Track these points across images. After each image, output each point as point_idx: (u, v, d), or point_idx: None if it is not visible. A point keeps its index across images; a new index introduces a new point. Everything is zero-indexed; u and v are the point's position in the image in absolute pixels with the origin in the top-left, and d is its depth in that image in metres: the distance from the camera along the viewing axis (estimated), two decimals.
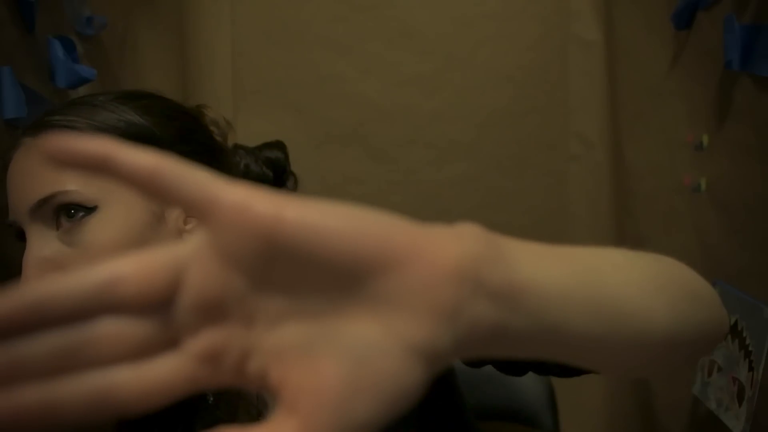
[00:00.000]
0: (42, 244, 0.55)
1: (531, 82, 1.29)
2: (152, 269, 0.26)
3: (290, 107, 1.32)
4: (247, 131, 1.33)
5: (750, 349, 0.86)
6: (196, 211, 0.26)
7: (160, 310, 0.26)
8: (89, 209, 0.55)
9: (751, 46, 0.84)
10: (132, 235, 0.55)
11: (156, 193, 0.26)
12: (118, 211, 0.55)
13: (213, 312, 0.26)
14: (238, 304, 0.26)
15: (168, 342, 0.26)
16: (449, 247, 0.26)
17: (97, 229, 0.55)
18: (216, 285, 0.25)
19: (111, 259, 0.26)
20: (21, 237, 0.57)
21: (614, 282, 0.33)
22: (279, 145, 0.84)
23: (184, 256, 0.26)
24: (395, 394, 0.25)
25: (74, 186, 0.55)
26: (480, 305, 0.26)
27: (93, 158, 0.25)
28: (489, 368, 0.56)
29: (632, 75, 1.19)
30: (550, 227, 1.32)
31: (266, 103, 1.32)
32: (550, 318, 0.28)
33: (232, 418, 0.59)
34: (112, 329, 0.25)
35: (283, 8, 1.30)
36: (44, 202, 0.55)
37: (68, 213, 0.55)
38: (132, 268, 0.25)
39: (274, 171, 0.82)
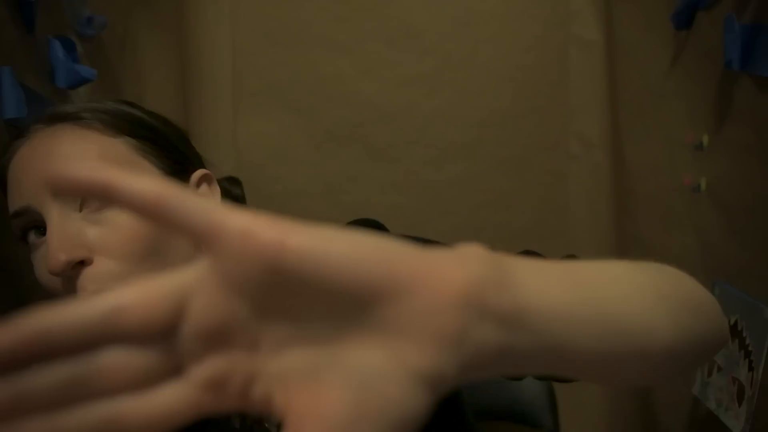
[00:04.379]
0: (65, 222, 0.54)
1: (531, 82, 1.29)
2: (155, 298, 0.25)
3: (290, 107, 1.32)
4: (247, 131, 1.33)
5: (750, 349, 0.86)
6: (200, 239, 0.25)
7: (164, 339, 0.26)
8: None
9: (751, 46, 0.84)
10: None
11: (159, 220, 0.25)
12: None
13: (217, 339, 0.26)
14: (242, 330, 0.25)
15: (172, 370, 0.26)
16: (454, 272, 0.26)
17: None
18: (219, 312, 0.25)
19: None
20: (23, 237, 0.57)
21: (616, 297, 0.33)
22: (237, 182, 0.82)
23: (187, 284, 0.26)
24: (399, 419, 0.25)
25: (105, 162, 0.54)
26: (485, 329, 0.26)
27: (96, 186, 0.25)
28: None
29: (632, 75, 1.19)
30: (550, 227, 1.32)
31: (266, 103, 1.32)
32: (554, 337, 0.28)
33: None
34: (117, 359, 0.25)
35: (283, 8, 1.30)
36: None
37: None
38: (135, 298, 0.25)
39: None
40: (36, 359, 0.25)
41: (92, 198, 0.26)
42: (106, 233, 0.54)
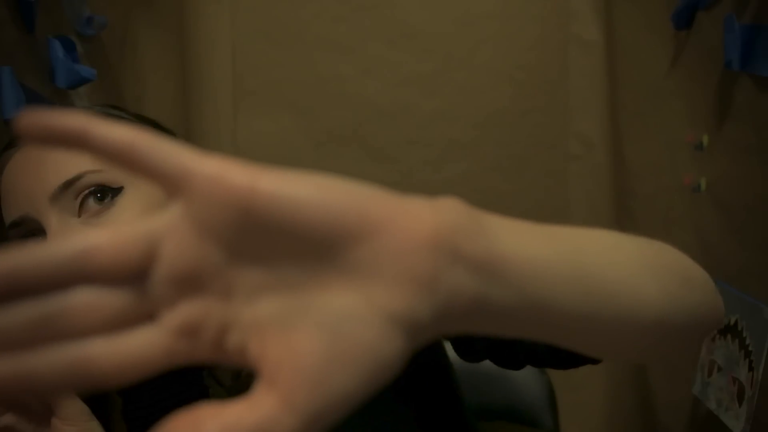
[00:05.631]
0: (65, 227, 0.53)
1: (531, 82, 1.29)
2: (127, 240, 0.25)
3: (290, 107, 1.32)
4: (247, 131, 1.33)
5: (750, 349, 0.86)
6: (171, 184, 0.25)
7: (137, 282, 0.26)
8: (116, 190, 0.54)
9: (751, 46, 0.84)
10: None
11: (131, 166, 0.26)
12: (143, 191, 0.54)
13: (189, 284, 0.26)
14: (215, 276, 0.25)
15: (145, 315, 0.26)
16: (426, 217, 0.26)
17: (125, 209, 0.54)
18: (191, 256, 0.25)
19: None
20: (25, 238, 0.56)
21: (601, 261, 0.33)
22: None
23: (159, 228, 0.26)
24: (375, 365, 0.24)
25: (101, 165, 0.53)
26: (459, 275, 0.26)
27: (70, 132, 0.25)
28: (489, 367, 0.56)
29: (632, 75, 1.19)
30: None
31: (266, 103, 1.32)
32: (532, 292, 0.28)
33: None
34: (88, 299, 0.25)
35: (283, 8, 1.30)
36: (70, 183, 0.53)
37: (97, 196, 0.53)
38: (105, 240, 0.25)
39: None
40: (5, 298, 0.25)
41: (66, 144, 0.26)
42: None
